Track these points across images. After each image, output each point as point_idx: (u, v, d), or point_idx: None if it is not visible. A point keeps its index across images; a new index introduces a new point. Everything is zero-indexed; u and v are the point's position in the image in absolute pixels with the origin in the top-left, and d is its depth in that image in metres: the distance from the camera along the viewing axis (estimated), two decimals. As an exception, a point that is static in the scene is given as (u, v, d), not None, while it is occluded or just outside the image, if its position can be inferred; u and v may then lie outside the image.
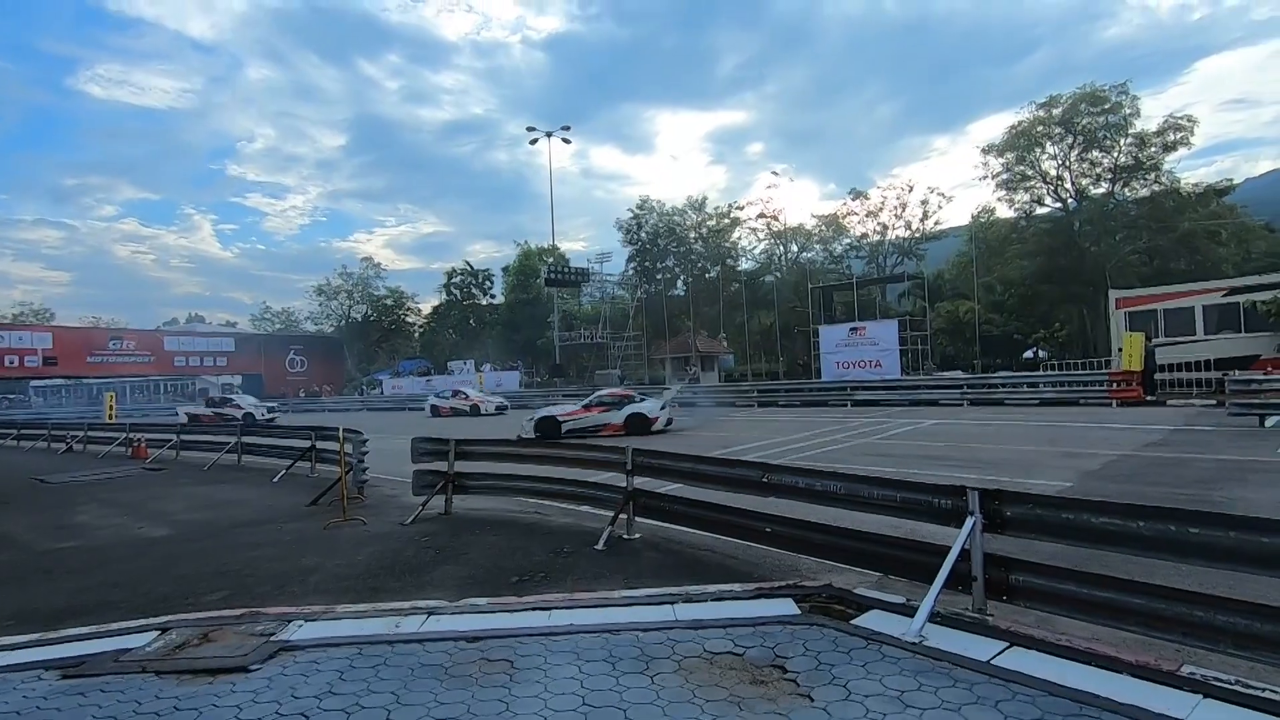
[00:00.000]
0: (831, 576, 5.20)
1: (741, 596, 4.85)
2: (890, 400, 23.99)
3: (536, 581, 5.59)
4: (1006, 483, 8.26)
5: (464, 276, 64.46)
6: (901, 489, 4.88)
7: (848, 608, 4.51)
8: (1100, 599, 3.82)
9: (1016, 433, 14.58)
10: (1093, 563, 4.35)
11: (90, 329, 56.35)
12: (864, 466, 10.30)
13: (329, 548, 7.05)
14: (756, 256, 52.33)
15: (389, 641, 4.22)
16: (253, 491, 11.30)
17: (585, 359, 48.99)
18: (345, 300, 67.89)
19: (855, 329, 31.10)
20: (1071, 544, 4.12)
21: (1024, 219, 39.45)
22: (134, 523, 9.10)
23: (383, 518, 8.38)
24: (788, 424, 19.13)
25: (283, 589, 5.71)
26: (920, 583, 4.52)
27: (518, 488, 8.30)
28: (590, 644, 4.06)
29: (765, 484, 5.74)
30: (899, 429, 16.42)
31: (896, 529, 5.20)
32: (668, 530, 6.86)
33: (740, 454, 12.52)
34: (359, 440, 10.24)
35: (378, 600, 5.22)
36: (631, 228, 50.36)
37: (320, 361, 58.57)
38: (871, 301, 40.60)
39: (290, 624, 4.60)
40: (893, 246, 47.68)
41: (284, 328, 73.19)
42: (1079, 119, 35.21)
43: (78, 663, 4.12)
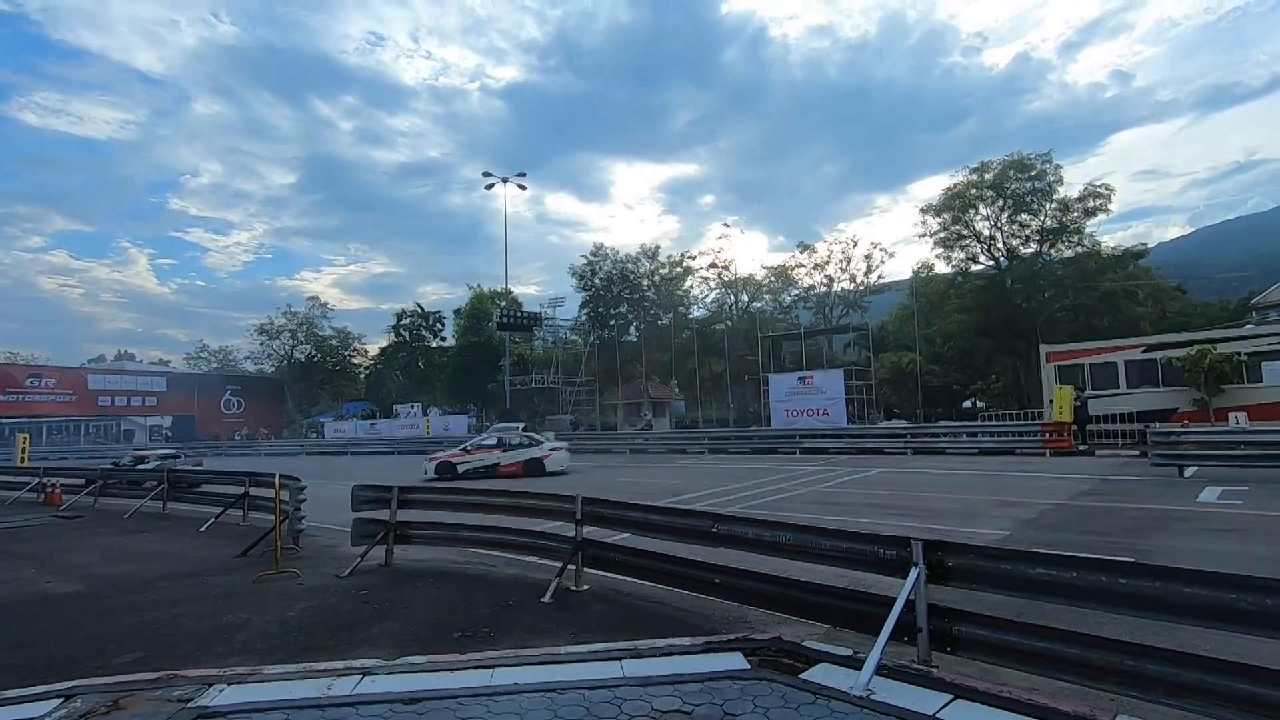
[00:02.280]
0: (781, 629, 5.18)
1: (691, 651, 4.78)
2: (837, 448, 24.40)
3: (480, 638, 5.39)
4: (948, 532, 8.46)
5: (414, 318, 63.40)
6: (848, 539, 4.94)
7: (797, 661, 4.49)
8: (1039, 649, 3.90)
9: (957, 481, 14.98)
10: (1033, 612, 4.46)
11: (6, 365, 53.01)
12: (813, 515, 10.39)
13: (258, 603, 6.67)
14: (708, 305, 53.34)
15: (319, 705, 3.98)
16: (177, 542, 10.66)
17: (537, 403, 48.45)
18: (288, 340, 65.72)
19: (803, 378, 31.75)
20: (1011, 594, 4.22)
21: (961, 275, 41.38)
22: (40, 577, 8.43)
23: (319, 570, 7.99)
24: (738, 471, 19.21)
25: (206, 649, 5.35)
26: (868, 634, 4.53)
27: (463, 537, 8.07)
28: (534, 704, 3.91)
29: (715, 534, 5.73)
30: (846, 477, 16.68)
31: (844, 579, 5.24)
32: (617, 581, 6.74)
33: (690, 502, 12.49)
34: (296, 487, 9.81)
35: (309, 660, 4.93)
36: (585, 274, 50.73)
37: (259, 403, 56.32)
38: (819, 351, 41.68)
39: (211, 688, 4.30)
40: (838, 298, 49.25)
41: (221, 367, 70.23)
42: (1008, 184, 37.52)
43: (-35, 737, 3.74)
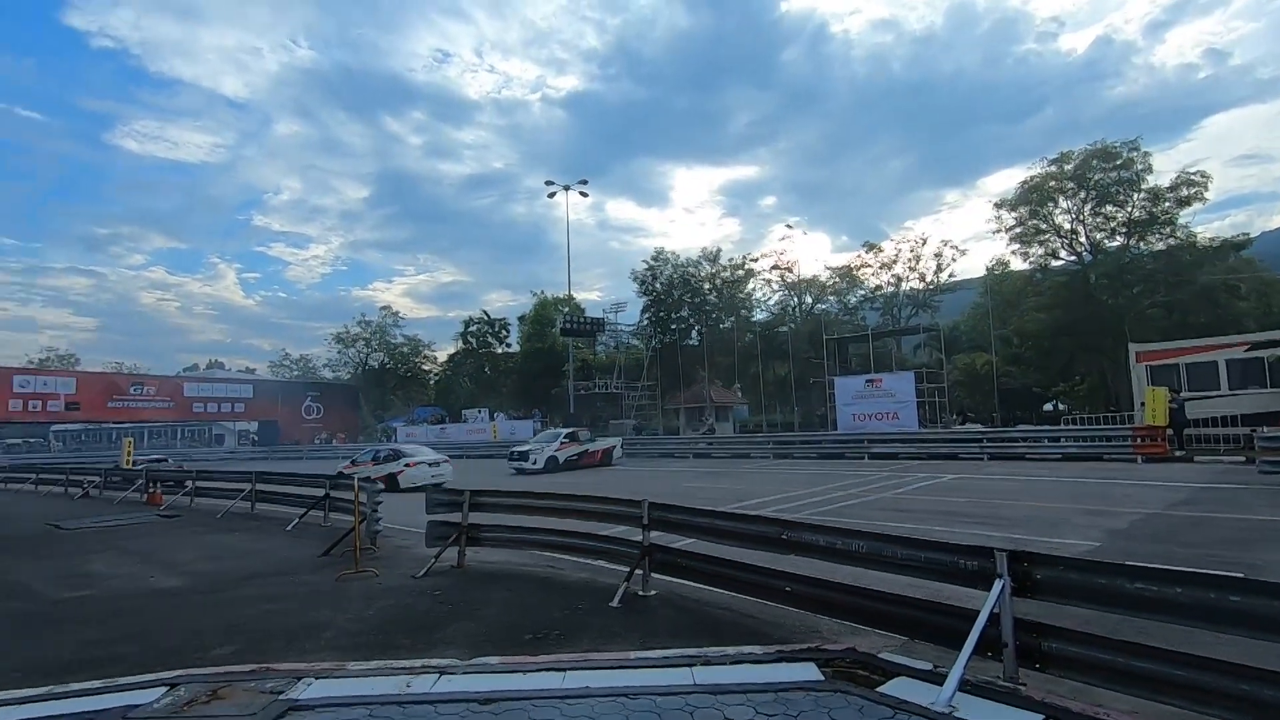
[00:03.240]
0: (855, 639, 5.04)
1: (762, 660, 4.70)
2: (908, 453, 23.62)
3: (551, 640, 5.46)
4: (1033, 542, 8.05)
5: (480, 325, 65.16)
6: (925, 548, 4.77)
7: (872, 673, 4.36)
8: (1141, 670, 3.66)
9: (1039, 488, 14.25)
10: (1127, 629, 4.19)
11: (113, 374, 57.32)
12: (883, 523, 10.08)
13: (341, 601, 6.96)
14: (771, 308, 52.63)
15: (400, 702, 4.12)
16: (265, 541, 11.25)
17: (600, 408, 48.90)
18: (363, 348, 68.74)
19: (871, 381, 30.91)
20: (1105, 610, 3.97)
21: (1039, 272, 39.46)
22: (146, 572, 9.06)
23: (395, 570, 8.29)
24: (804, 476, 18.85)
25: (293, 644, 5.62)
26: (947, 648, 4.37)
27: (532, 540, 8.21)
28: (606, 709, 3.93)
29: (784, 541, 5.63)
30: (918, 483, 16.12)
31: (920, 590, 5.06)
32: (684, 587, 6.71)
33: (756, 507, 12.33)
34: (374, 489, 10.22)
35: (389, 658, 5.11)
36: (646, 279, 50.92)
37: (336, 408, 58.97)
38: (887, 353, 40.47)
39: (300, 682, 4.51)
40: (907, 298, 47.75)
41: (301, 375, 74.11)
42: (1091, 174, 35.55)
43: (86, 719, 4.05)
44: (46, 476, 25.23)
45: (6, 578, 9.06)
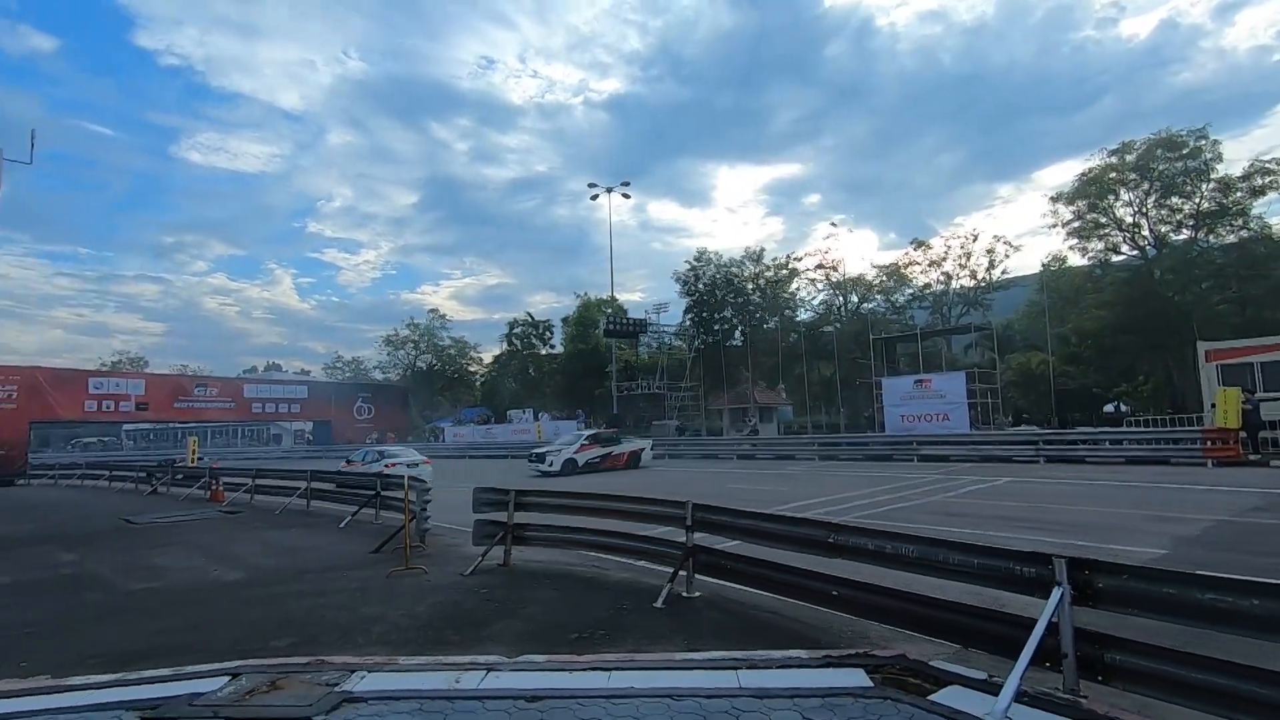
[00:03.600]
0: (905, 646, 4.93)
1: (809, 664, 4.64)
2: (959, 456, 22.98)
3: (595, 640, 5.49)
4: (1093, 549, 7.74)
5: (525, 327, 66.03)
6: (979, 554, 4.62)
7: (924, 681, 4.25)
8: (1213, 685, 3.47)
9: (1101, 493, 13.68)
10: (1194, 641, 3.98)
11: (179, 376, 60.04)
12: (934, 527, 9.82)
13: (391, 597, 7.14)
14: (815, 307, 51.83)
15: (449, 697, 4.20)
16: (320, 537, 11.61)
17: (643, 409, 48.97)
18: (411, 350, 70.40)
19: (920, 381, 30.18)
20: (1172, 621, 3.78)
21: (1099, 267, 37.87)
22: (210, 566, 9.46)
23: (443, 567, 8.45)
24: (850, 478, 18.52)
25: (347, 638, 5.79)
26: (1002, 657, 4.23)
27: (576, 540, 8.27)
28: (652, 709, 3.93)
29: (832, 544, 5.53)
30: (970, 486, 15.66)
31: (973, 596, 4.91)
32: (728, 589, 6.67)
33: (801, 510, 12.16)
34: (422, 489, 10.45)
35: (438, 653, 5.22)
36: (689, 279, 50.75)
37: (386, 409, 60.48)
38: (936, 353, 39.43)
39: (354, 675, 4.64)
40: (958, 296, 46.42)
41: (353, 376, 76.26)
42: (1155, 164, 33.95)
43: (155, 705, 4.24)
44: (119, 473, 26.64)
45: (85, 569, 9.59)
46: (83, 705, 4.33)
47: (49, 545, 11.96)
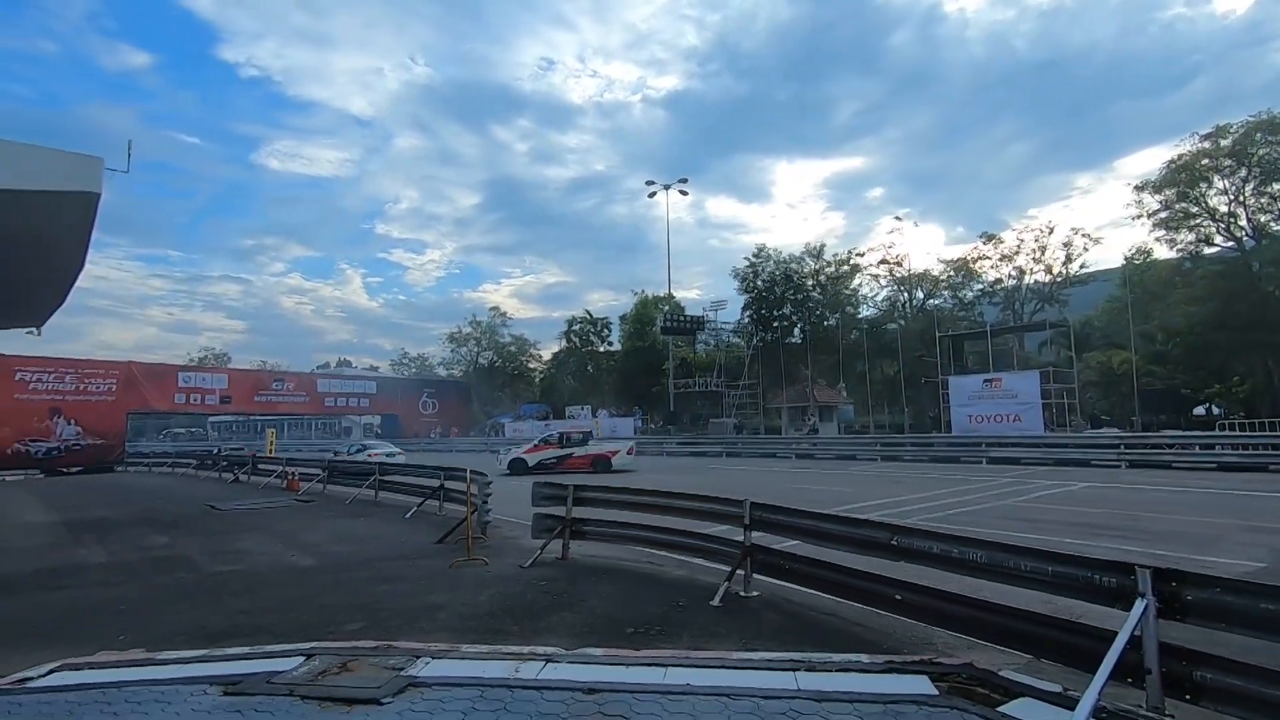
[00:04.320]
0: (972, 654, 4.74)
1: (870, 669, 4.52)
2: (1031, 459, 22.00)
3: (652, 635, 5.51)
4: (1181, 560, 7.28)
5: (583, 325, 66.77)
6: (1055, 561, 4.41)
7: (993, 692, 4.07)
8: (1317, 710, 3.21)
9: (1189, 501, 12.85)
10: None
11: (258, 371, 63.29)
12: (1003, 532, 9.43)
13: (454, 586, 7.34)
14: (878, 304, 50.47)
15: (509, 686, 4.28)
16: (387, 527, 12.05)
17: (700, 406, 48.81)
18: (474, 347, 72.23)
19: (990, 380, 29.01)
20: (1271, 639, 3.51)
21: (1189, 260, 35.56)
22: (286, 551, 9.94)
23: (503, 559, 8.64)
24: (915, 480, 17.98)
25: (412, 624, 5.99)
26: (1077, 670, 4.03)
27: (633, 536, 8.30)
28: (708, 707, 3.91)
29: (895, 547, 5.38)
30: (1044, 491, 14.96)
31: (1044, 605, 4.69)
32: (786, 589, 6.57)
33: (862, 511, 11.88)
34: (484, 482, 10.70)
35: (498, 643, 5.34)
36: (747, 276, 50.20)
37: (450, 404, 62.24)
38: (1008, 351, 37.81)
39: (419, 660, 4.79)
40: (1031, 292, 44.40)
41: (419, 372, 78.77)
42: (1254, 149, 31.59)
43: (236, 681, 4.49)
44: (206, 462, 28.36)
45: (175, 551, 10.24)
46: (173, 678, 4.62)
47: (143, 528, 12.83)
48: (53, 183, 9.84)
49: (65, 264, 14.21)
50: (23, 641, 5.94)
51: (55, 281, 15.66)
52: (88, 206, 10.64)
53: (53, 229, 11.55)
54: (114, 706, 4.09)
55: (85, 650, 5.45)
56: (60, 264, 14.13)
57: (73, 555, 10.23)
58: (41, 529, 13.28)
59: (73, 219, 11.13)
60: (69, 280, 15.75)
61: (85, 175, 10.03)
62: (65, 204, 10.36)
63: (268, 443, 35.95)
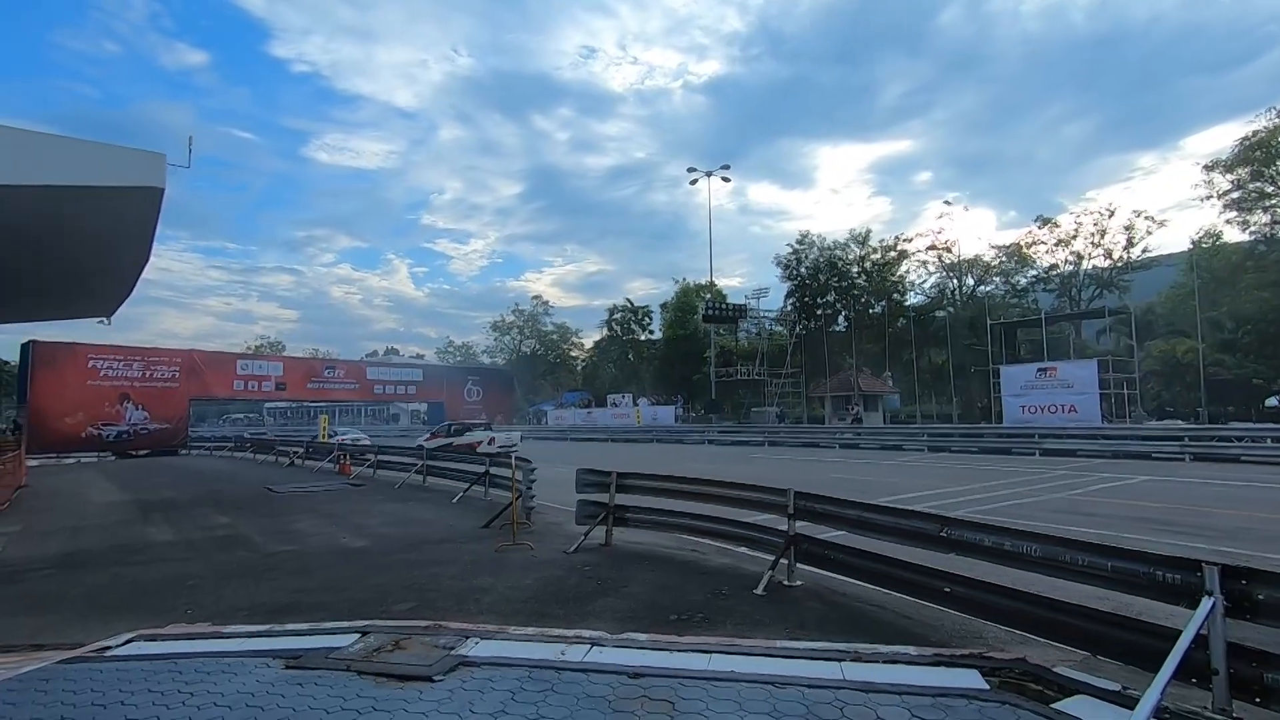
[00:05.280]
0: (1024, 649, 4.64)
1: (918, 661, 4.46)
2: (1088, 451, 21.24)
3: (695, 622, 5.53)
4: (1251, 557, 6.96)
5: (624, 313, 66.95)
6: (1114, 556, 4.26)
7: (1046, 688, 3.98)
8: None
9: (1260, 497, 12.24)
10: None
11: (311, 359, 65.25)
12: (1058, 526, 9.15)
13: (500, 570, 7.50)
14: (926, 291, 49.17)
15: (555, 668, 4.37)
16: (435, 511, 12.35)
17: (742, 395, 48.50)
18: (516, 335, 73.23)
19: (1045, 370, 28.07)
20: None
21: (1262, 243, 33.67)
22: (340, 533, 10.29)
23: (548, 544, 8.77)
24: (964, 471, 17.56)
25: (460, 605, 6.14)
26: (1137, 668, 3.90)
27: (675, 523, 8.33)
28: (753, 694, 3.92)
29: (944, 539, 5.28)
30: (1102, 484, 14.44)
31: (1099, 601, 4.55)
32: (831, 580, 6.52)
33: (908, 502, 11.65)
34: (528, 469, 10.87)
35: (544, 625, 5.44)
36: (790, 263, 49.47)
37: (493, 392, 63.13)
38: (1063, 339, 36.51)
39: (468, 640, 4.92)
40: (1089, 278, 42.67)
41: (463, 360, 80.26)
42: (1337, 124, 29.65)
43: (296, 655, 4.69)
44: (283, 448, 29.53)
45: (237, 531, 10.70)
46: (238, 651, 4.85)
47: (206, 508, 13.44)
48: (120, 179, 10.31)
49: (133, 256, 14.89)
50: (102, 612, 6.31)
51: (124, 273, 16.43)
52: (152, 201, 11.11)
53: (121, 223, 12.11)
54: (185, 676, 4.32)
55: (157, 622, 5.77)
56: (128, 256, 14.82)
57: (143, 533, 10.79)
58: (115, 508, 14.03)
59: (138, 213, 11.64)
60: (136, 272, 16.50)
61: (150, 171, 10.47)
62: (132, 199, 10.84)
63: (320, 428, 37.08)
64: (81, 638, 5.35)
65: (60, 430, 33.45)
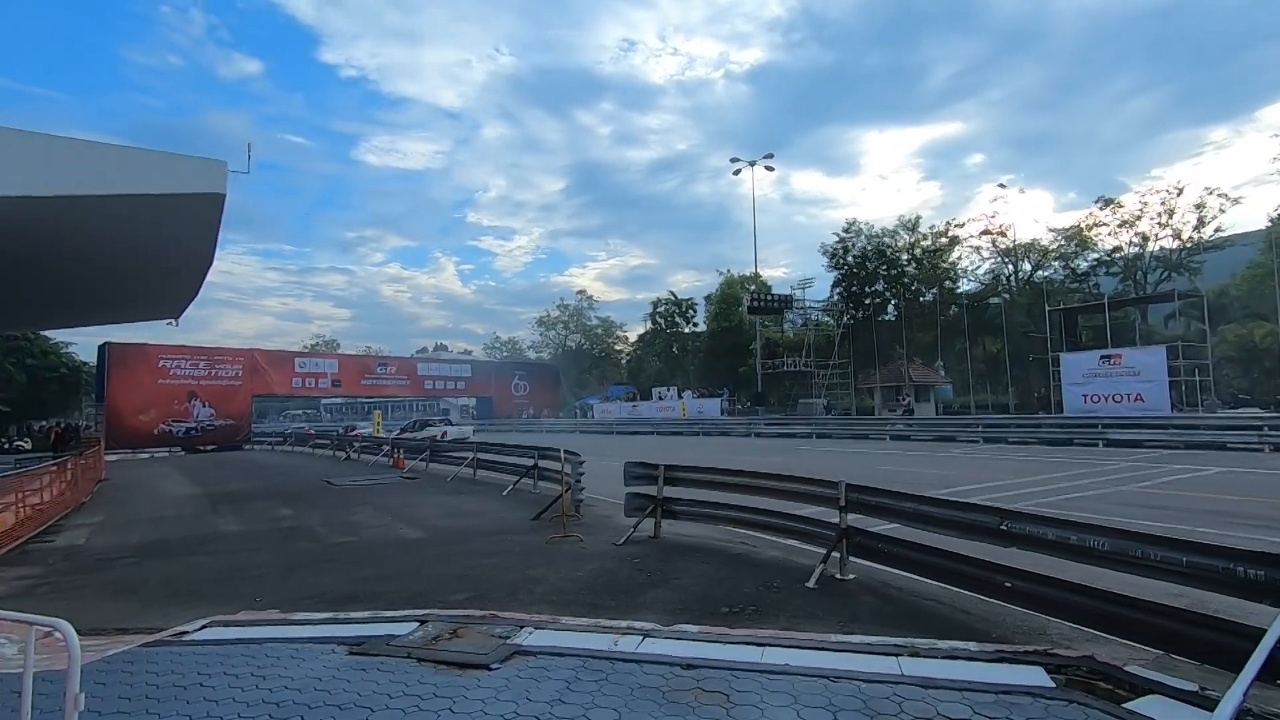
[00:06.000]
0: (1092, 647, 4.48)
1: (978, 658, 4.35)
2: (1156, 441, 20.28)
3: (747, 614, 5.51)
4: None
5: (668, 306, 66.82)
6: (1190, 551, 4.07)
7: (1117, 688, 3.84)
8: None
9: (1349, 489, 11.49)
10: None
11: (364, 356, 67.25)
12: (1126, 519, 8.78)
13: (552, 561, 7.60)
14: (980, 277, 47.48)
15: (609, 658, 4.42)
16: (486, 503, 12.60)
17: (789, 387, 47.91)
18: (561, 330, 73.93)
19: (1108, 357, 26.89)
20: None
21: (1349, 218, 31.43)
22: (396, 524, 10.60)
23: (597, 537, 8.86)
24: (1022, 463, 16.99)
25: (514, 596, 6.26)
26: (1214, 668, 3.73)
27: (725, 516, 8.30)
28: (807, 688, 3.89)
29: (1005, 532, 5.12)
30: (1172, 476, 13.79)
31: (1171, 598, 4.35)
32: (885, 574, 6.41)
33: (963, 495, 11.35)
34: (577, 462, 10.97)
35: (596, 616, 5.50)
36: (837, 252, 48.47)
37: (540, 386, 63.97)
38: (1128, 325, 34.88)
39: (523, 630, 5.02)
40: (1156, 260, 40.57)
41: (510, 355, 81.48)
42: None
43: (359, 642, 4.86)
44: (319, 441, 30.56)
45: (299, 522, 11.13)
46: (305, 637, 5.05)
47: (271, 501, 14.01)
48: (186, 186, 10.79)
49: (198, 259, 15.59)
50: (179, 598, 6.66)
51: (190, 276, 17.22)
52: (215, 206, 11.60)
53: (187, 228, 12.68)
54: (257, 660, 4.52)
55: (229, 609, 6.05)
56: (194, 260, 15.52)
57: (213, 524, 11.32)
58: (187, 500, 14.76)
59: (203, 217, 12.18)
60: (201, 274, 17.27)
61: (212, 177, 10.93)
62: (197, 205, 11.34)
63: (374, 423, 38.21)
64: (161, 623, 5.66)
65: (134, 427, 35.33)
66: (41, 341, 49.27)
